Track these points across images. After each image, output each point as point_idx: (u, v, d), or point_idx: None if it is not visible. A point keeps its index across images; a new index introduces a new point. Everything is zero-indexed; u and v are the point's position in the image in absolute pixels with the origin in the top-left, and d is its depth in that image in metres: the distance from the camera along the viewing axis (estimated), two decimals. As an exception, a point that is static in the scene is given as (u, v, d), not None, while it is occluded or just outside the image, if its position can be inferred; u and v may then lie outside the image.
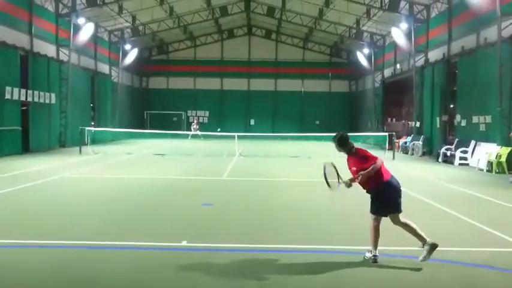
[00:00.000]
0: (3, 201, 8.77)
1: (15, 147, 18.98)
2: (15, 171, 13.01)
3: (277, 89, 41.05)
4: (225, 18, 35.52)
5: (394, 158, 19.44)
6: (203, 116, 41.02)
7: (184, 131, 35.55)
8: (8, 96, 18.28)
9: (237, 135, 22.61)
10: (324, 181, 5.84)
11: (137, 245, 5.84)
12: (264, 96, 40.36)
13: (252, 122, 40.21)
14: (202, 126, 37.82)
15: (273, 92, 40.98)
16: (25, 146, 19.90)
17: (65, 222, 7.22)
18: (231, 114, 39.85)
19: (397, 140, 24.11)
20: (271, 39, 40.85)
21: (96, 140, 24.49)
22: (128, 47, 33.16)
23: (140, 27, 32.65)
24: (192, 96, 40.53)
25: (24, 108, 20.11)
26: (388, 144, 21.64)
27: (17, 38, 19.72)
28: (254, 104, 40.31)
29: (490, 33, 17.13)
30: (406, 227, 5.35)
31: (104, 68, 31.17)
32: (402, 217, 5.35)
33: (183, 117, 40.36)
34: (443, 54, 21.59)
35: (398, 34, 24.69)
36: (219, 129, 31.28)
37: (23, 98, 19.51)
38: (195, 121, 34.06)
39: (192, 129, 31.91)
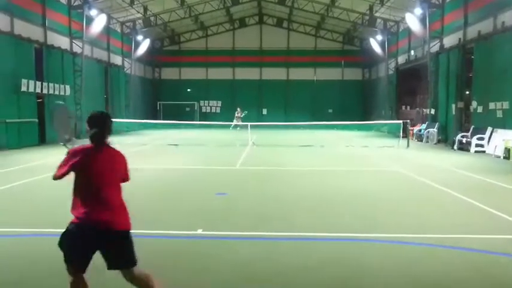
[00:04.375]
0: (21, 191, 8.97)
1: (32, 138, 19.33)
2: (33, 162, 13.27)
3: (289, 78, 40.82)
4: (236, 7, 35.32)
5: (408, 145, 19.27)
6: (215, 106, 41.09)
7: (197, 121, 35.72)
8: (24, 89, 18.57)
9: (250, 125, 22.63)
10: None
11: (153, 233, 5.93)
12: (276, 86, 40.20)
13: (265, 111, 40.11)
14: (214, 116, 38.00)
15: (285, 81, 40.77)
16: (41, 138, 20.25)
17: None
18: (243, 103, 39.66)
19: (412, 128, 23.84)
20: (283, 28, 40.52)
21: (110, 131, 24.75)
22: (140, 38, 33.28)
23: (152, 18, 32.68)
24: (204, 87, 40.58)
25: (40, 100, 20.41)
26: (403, 132, 21.43)
27: (31, 31, 19.94)
28: (266, 94, 40.18)
29: (508, 17, 16.71)
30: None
31: (117, 59, 31.36)
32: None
33: (196, 108, 40.50)
34: (459, 39, 21.15)
35: (413, 20, 24.24)
36: (245, 112, 31.65)
37: (38, 90, 19.80)
38: (239, 109, 33.34)
39: (236, 119, 31.60)
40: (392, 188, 9.63)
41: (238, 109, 33.37)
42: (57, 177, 3.44)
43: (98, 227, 3.31)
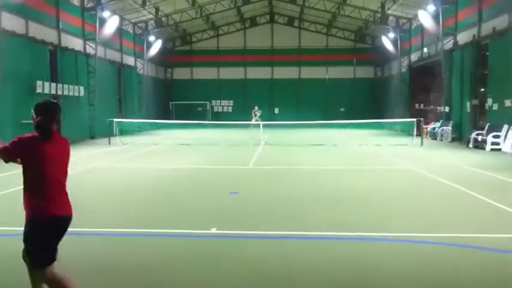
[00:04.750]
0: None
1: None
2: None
3: (300, 77, 40.73)
4: (247, 6, 35.36)
5: (422, 144, 19.09)
6: (227, 106, 41.20)
7: (209, 120, 35.86)
8: (39, 90, 18.88)
9: (262, 124, 22.65)
10: None
11: (167, 233, 5.99)
12: (288, 84, 40.14)
13: (277, 110, 40.09)
14: (226, 116, 38.11)
15: (297, 80, 40.69)
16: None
17: (97, 210, 7.45)
18: (255, 103, 39.76)
19: (425, 126, 23.60)
20: (294, 27, 40.43)
21: (123, 131, 25.01)
22: (151, 38, 33.54)
23: (163, 19, 32.91)
24: (216, 86, 40.72)
25: (55, 101, 20.68)
26: (416, 130, 21.23)
27: (46, 33, 20.25)
28: (278, 93, 40.15)
29: (524, 13, 16.41)
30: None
31: (129, 60, 31.66)
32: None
33: (208, 107, 40.67)
34: (473, 36, 20.85)
35: (426, 17, 23.97)
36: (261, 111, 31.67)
37: (53, 92, 20.11)
38: (256, 107, 32.87)
39: (254, 118, 30.99)
40: (406, 187, 9.56)
41: (256, 107, 33.27)
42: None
43: (64, 217, 3.35)
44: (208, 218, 6.83)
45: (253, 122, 29.68)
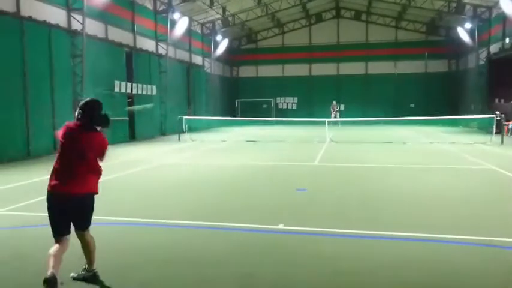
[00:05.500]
0: (116, 184, 9.80)
1: (124, 135, 20.99)
2: (125, 157, 14.43)
3: (367, 72, 39.54)
4: (313, 2, 34.99)
5: (502, 142, 17.70)
6: (292, 103, 41.14)
7: (273, 117, 36.07)
8: (116, 90, 20.21)
9: (327, 121, 22.35)
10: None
11: (237, 227, 6.15)
12: (354, 80, 39.14)
13: (342, 107, 39.28)
14: (290, 113, 38.10)
15: (364, 76, 39.55)
16: (132, 134, 21.90)
17: (170, 204, 7.85)
18: (320, 99, 39.33)
19: (506, 123, 21.84)
20: (361, 21, 39.28)
21: (192, 128, 26.00)
22: (218, 38, 34.44)
23: (230, 18, 33.62)
24: (280, 83, 40.83)
25: (130, 100, 22.04)
26: (496, 128, 19.71)
27: (123, 36, 21.60)
28: (344, 89, 39.31)
29: None
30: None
31: (198, 59, 32.76)
32: None
33: (272, 104, 40.92)
34: None
35: (508, 3, 22.13)
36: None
37: (128, 91, 21.41)
38: (334, 102, 33.07)
39: (332, 113, 31.35)
40: (487, 187, 8.93)
41: (334, 102, 32.86)
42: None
43: (59, 193, 3.89)
44: (275, 214, 6.91)
45: (331, 118, 29.64)
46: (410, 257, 4.89)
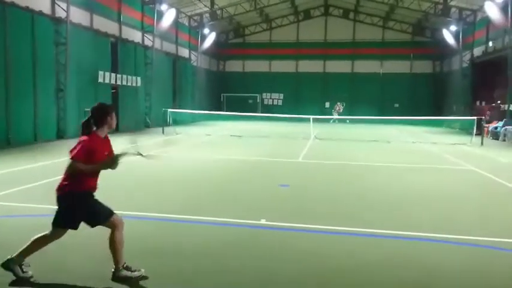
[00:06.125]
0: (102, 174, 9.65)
1: (107, 127, 20.67)
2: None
3: (354, 71, 39.82)
4: (302, -2, 35.01)
5: (482, 143, 18.06)
6: (277, 99, 41.20)
7: (259, 113, 36.06)
8: (100, 80, 19.90)
9: (312, 118, 22.45)
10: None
11: (218, 221, 6.14)
12: (341, 78, 39.40)
13: (327, 104, 39.52)
14: (276, 109, 38.14)
15: (350, 74, 39.82)
16: (115, 126, 21.58)
17: (152, 197, 7.78)
18: (306, 96, 39.52)
19: (487, 125, 22.28)
20: (349, 19, 39.50)
21: (177, 121, 25.82)
22: (206, 31, 34.18)
23: (218, 12, 33.39)
24: (267, 79, 40.81)
25: (114, 91, 21.75)
26: (476, 129, 20.09)
27: (108, 26, 21.26)
28: (330, 87, 39.54)
29: None
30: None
31: (184, 52, 32.48)
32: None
33: (258, 100, 40.90)
34: (546, 29, 19.34)
35: (492, 8, 22.52)
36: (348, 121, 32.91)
37: (113, 82, 21.11)
38: (339, 103, 35.05)
39: (335, 112, 33.18)
40: (466, 188, 9.11)
41: (339, 103, 33.75)
42: None
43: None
44: (257, 209, 6.91)
45: (335, 116, 31.94)
46: (391, 254, 4.95)
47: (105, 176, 4.30)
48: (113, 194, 7.87)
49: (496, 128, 22.47)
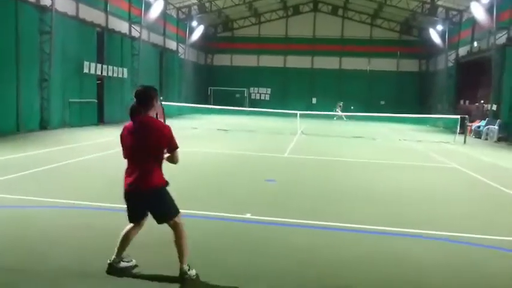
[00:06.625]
0: (80, 167, 9.54)
1: (92, 118, 20.42)
2: (98, 140, 14.05)
3: (342, 68, 40.02)
4: (291, -6, 34.95)
5: (465, 142, 18.37)
6: (265, 93, 41.19)
7: (246, 107, 36.01)
8: (86, 70, 19.57)
9: (299, 114, 22.50)
10: None
11: (203, 214, 6.12)
12: (328, 75, 39.60)
13: (314, 100, 39.67)
14: (263, 104, 38.15)
15: (338, 71, 40.02)
16: (100, 118, 21.32)
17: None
18: (293, 92, 39.60)
19: (470, 124, 22.66)
20: (338, 16, 39.64)
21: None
22: (194, 24, 33.89)
23: (207, 4, 33.12)
24: (255, 74, 40.73)
25: (99, 82, 21.42)
26: (460, 128, 20.43)
27: (94, 16, 20.90)
28: (318, 82, 39.69)
29: None
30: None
31: (172, 44, 32.17)
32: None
33: (245, 94, 40.82)
34: (530, 31, 19.69)
35: (478, 9, 22.82)
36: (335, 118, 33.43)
37: (98, 72, 20.78)
38: (342, 103, 35.52)
39: (337, 110, 33.71)
40: (449, 185, 9.25)
41: (341, 103, 34.87)
42: None
43: (126, 190, 3.99)
44: (243, 203, 6.91)
45: (338, 113, 32.64)
46: (377, 250, 5.00)
47: (83, 169, 4.23)
48: (95, 186, 7.79)
49: (478, 127, 22.88)
